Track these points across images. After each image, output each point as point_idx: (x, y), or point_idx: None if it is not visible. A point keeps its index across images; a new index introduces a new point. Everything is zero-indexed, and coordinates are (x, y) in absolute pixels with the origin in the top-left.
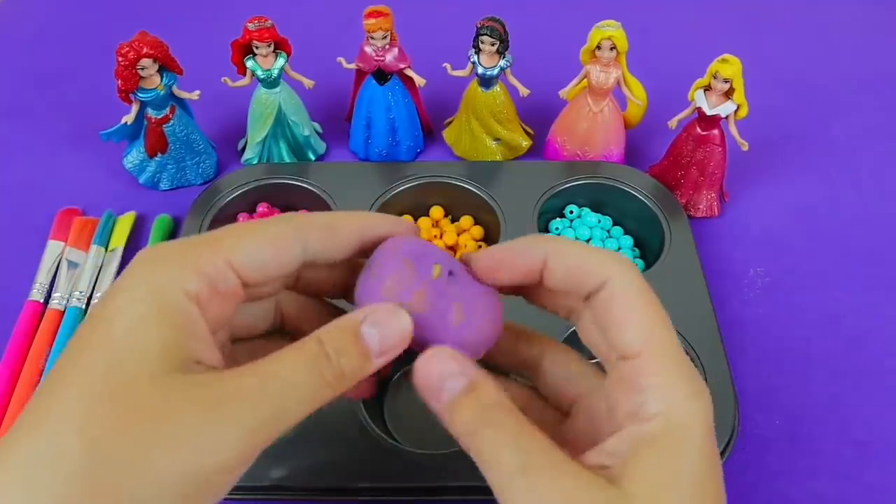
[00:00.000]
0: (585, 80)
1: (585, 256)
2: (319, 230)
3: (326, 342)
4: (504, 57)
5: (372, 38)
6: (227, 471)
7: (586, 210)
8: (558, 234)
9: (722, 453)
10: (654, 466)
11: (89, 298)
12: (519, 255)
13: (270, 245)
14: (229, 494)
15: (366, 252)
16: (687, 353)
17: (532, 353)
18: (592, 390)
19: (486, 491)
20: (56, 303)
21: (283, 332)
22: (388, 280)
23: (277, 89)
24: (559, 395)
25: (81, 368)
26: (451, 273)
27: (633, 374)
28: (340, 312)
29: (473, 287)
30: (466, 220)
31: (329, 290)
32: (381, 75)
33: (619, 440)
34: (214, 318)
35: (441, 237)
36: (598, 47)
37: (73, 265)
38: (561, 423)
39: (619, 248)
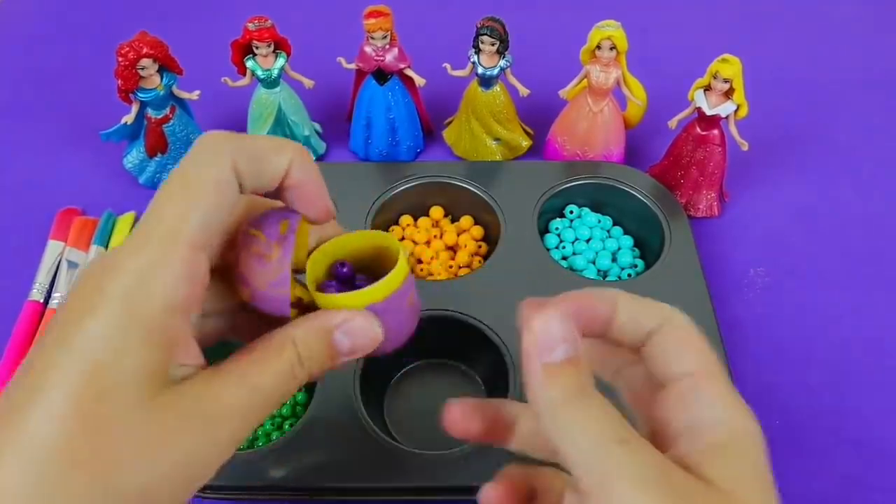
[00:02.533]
0: (585, 80)
1: (644, 303)
2: (248, 156)
3: (300, 346)
4: (504, 57)
5: (372, 38)
6: (207, 476)
7: (586, 210)
8: (558, 234)
9: None
10: (730, 465)
11: None
12: (597, 303)
13: (213, 200)
14: (230, 494)
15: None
16: None
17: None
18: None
19: None
20: (56, 303)
21: None
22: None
23: (277, 89)
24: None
25: (65, 384)
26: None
27: (691, 390)
28: None
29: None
30: (466, 220)
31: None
32: (381, 75)
33: (690, 442)
34: (194, 302)
35: (441, 237)
36: (598, 47)
37: (73, 265)
38: None
39: (619, 248)
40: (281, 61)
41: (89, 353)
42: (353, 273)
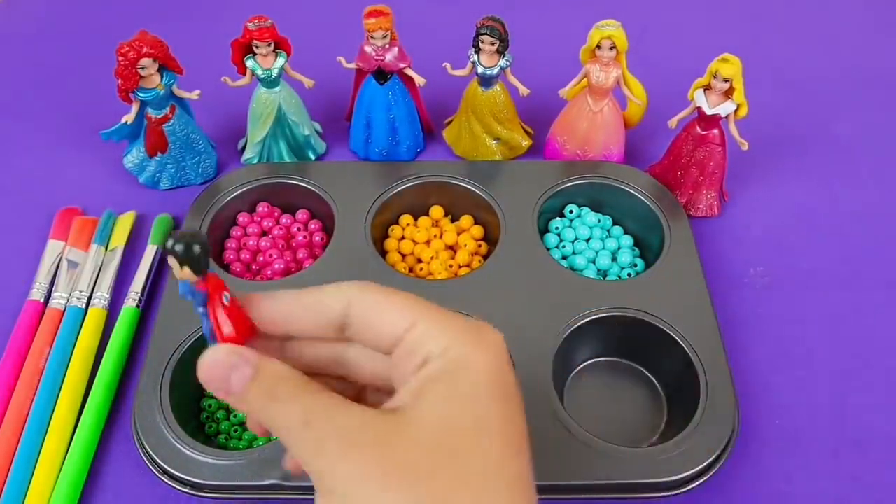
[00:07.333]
0: (585, 79)
1: (319, 289)
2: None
3: None
4: (504, 56)
5: (372, 37)
6: None
7: (586, 210)
8: (558, 234)
9: (722, 453)
10: (435, 391)
11: (89, 298)
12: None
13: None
14: (230, 494)
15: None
16: (687, 353)
17: (336, 349)
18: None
19: None
20: (56, 302)
21: None
22: None
23: (277, 89)
24: (372, 377)
25: None
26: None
27: (412, 341)
28: None
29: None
30: (466, 220)
31: None
32: (382, 75)
33: (408, 387)
34: None
35: (441, 237)
36: (598, 47)
37: (73, 264)
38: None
39: (619, 248)
40: (281, 61)
41: None
42: None
